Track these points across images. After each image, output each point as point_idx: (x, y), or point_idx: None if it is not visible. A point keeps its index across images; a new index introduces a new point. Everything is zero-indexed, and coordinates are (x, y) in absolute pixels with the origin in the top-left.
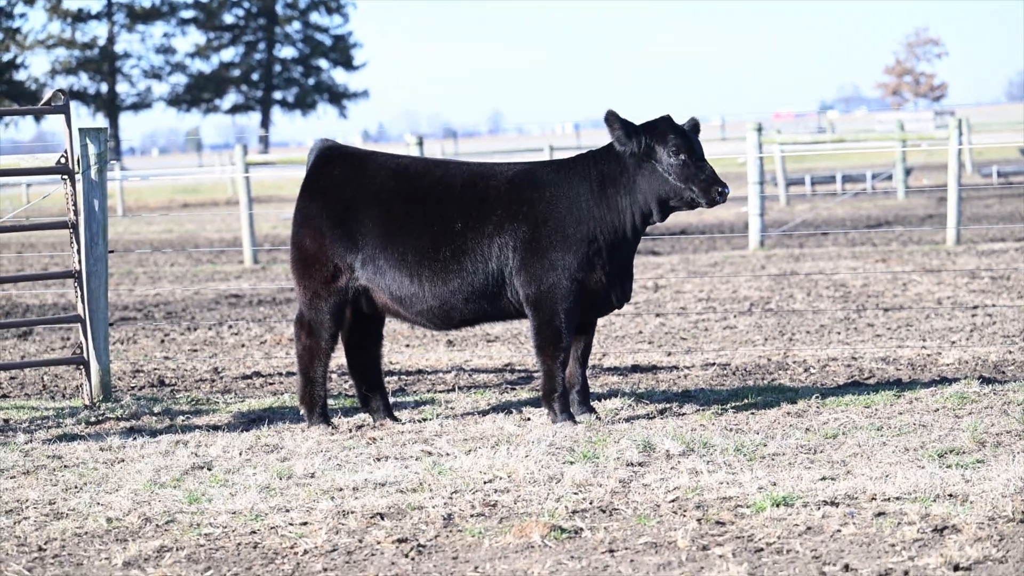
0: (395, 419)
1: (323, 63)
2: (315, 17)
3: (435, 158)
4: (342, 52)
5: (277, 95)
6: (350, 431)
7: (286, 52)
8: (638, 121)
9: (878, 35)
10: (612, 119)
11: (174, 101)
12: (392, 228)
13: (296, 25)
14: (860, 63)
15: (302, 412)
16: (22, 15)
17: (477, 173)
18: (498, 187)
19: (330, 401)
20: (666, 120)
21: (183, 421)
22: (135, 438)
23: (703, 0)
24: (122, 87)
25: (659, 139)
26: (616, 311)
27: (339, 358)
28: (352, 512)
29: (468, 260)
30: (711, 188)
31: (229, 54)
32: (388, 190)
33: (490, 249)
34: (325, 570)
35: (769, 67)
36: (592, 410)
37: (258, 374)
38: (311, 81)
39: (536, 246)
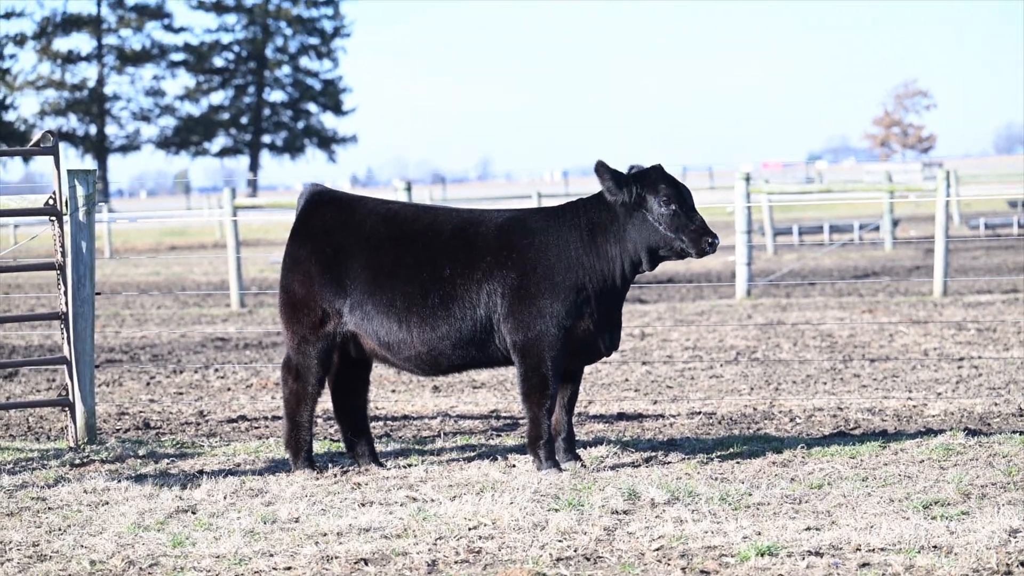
0: (380, 464)
1: (312, 107)
2: (305, 61)
3: (425, 204)
4: (331, 97)
5: (266, 139)
6: (335, 476)
7: (275, 96)
8: (626, 169)
9: (867, 86)
10: (602, 169)
11: (163, 143)
12: (381, 273)
13: (286, 69)
14: (849, 114)
15: (288, 456)
16: (12, 56)
17: (466, 219)
18: (487, 233)
19: (315, 445)
20: (658, 169)
21: (168, 464)
22: (119, 481)
23: (694, 50)
24: (111, 129)
25: (650, 189)
26: (604, 359)
27: (324, 402)
28: (336, 557)
29: (457, 306)
30: (701, 239)
31: (218, 97)
32: (377, 235)
33: (479, 295)
34: None
35: (758, 117)
36: (578, 457)
37: (243, 418)
38: (300, 125)
39: (525, 293)
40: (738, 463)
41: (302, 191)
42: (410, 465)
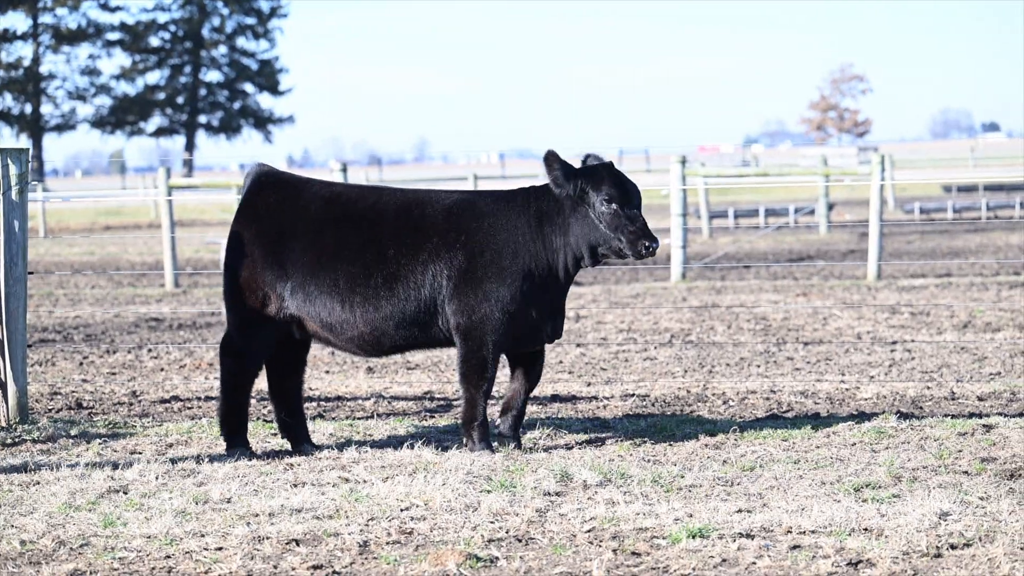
0: (313, 445)
1: (249, 87)
2: (241, 41)
3: (372, 185)
4: (268, 77)
5: (202, 119)
6: (268, 457)
7: (212, 76)
8: (581, 160)
9: (804, 71)
10: (552, 160)
11: (98, 123)
12: (324, 255)
13: (222, 49)
14: (785, 98)
15: (223, 436)
16: None
17: (412, 200)
18: (434, 215)
19: (249, 426)
20: (607, 167)
21: (100, 444)
22: (51, 461)
23: (629, 33)
24: (46, 108)
25: (594, 186)
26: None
27: (260, 383)
28: (268, 538)
29: (401, 287)
30: (639, 241)
31: (154, 77)
32: (321, 217)
33: (424, 276)
34: None
35: (695, 101)
36: (518, 440)
37: (177, 398)
38: (236, 105)
39: (471, 276)
40: (671, 445)
41: (248, 171)
42: (343, 446)
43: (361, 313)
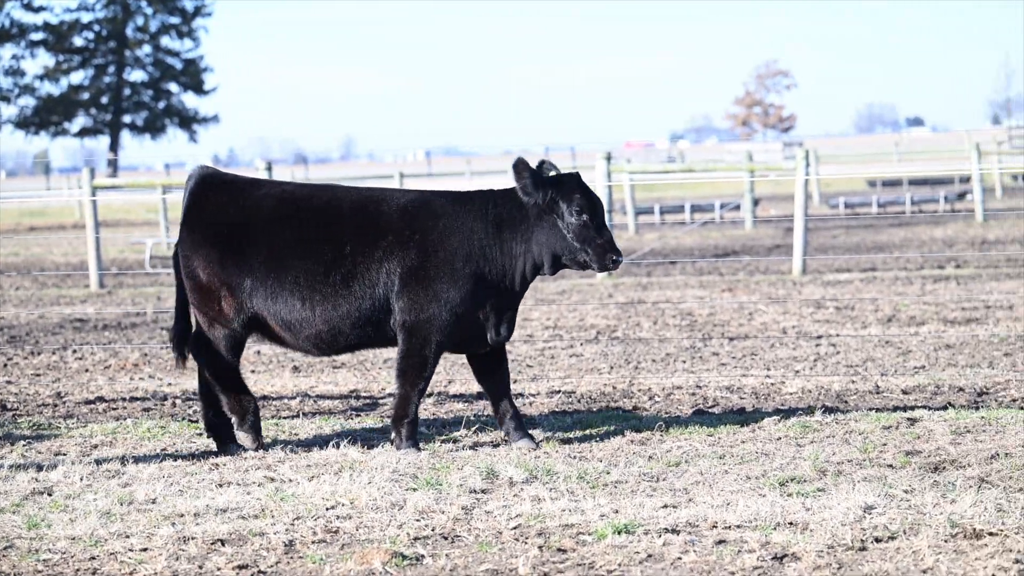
0: (239, 445)
1: (173, 87)
2: (166, 41)
3: (322, 183)
4: (193, 76)
5: (127, 118)
6: (193, 457)
7: (136, 75)
8: (536, 165)
9: (729, 67)
10: (521, 167)
11: (22, 123)
12: (282, 253)
13: (146, 49)
14: (711, 95)
15: (233, 421)
16: None
17: (367, 197)
18: (389, 213)
19: (174, 426)
20: (575, 178)
21: (24, 446)
22: None
23: (554, 30)
24: None
25: (565, 196)
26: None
27: (186, 383)
28: (193, 538)
29: (357, 285)
30: (606, 255)
31: (79, 77)
32: (275, 215)
33: (378, 275)
34: None
35: (621, 98)
36: (531, 436)
37: (101, 399)
38: (161, 105)
39: (423, 275)
40: (597, 441)
41: (191, 174)
42: (268, 446)
43: (320, 311)
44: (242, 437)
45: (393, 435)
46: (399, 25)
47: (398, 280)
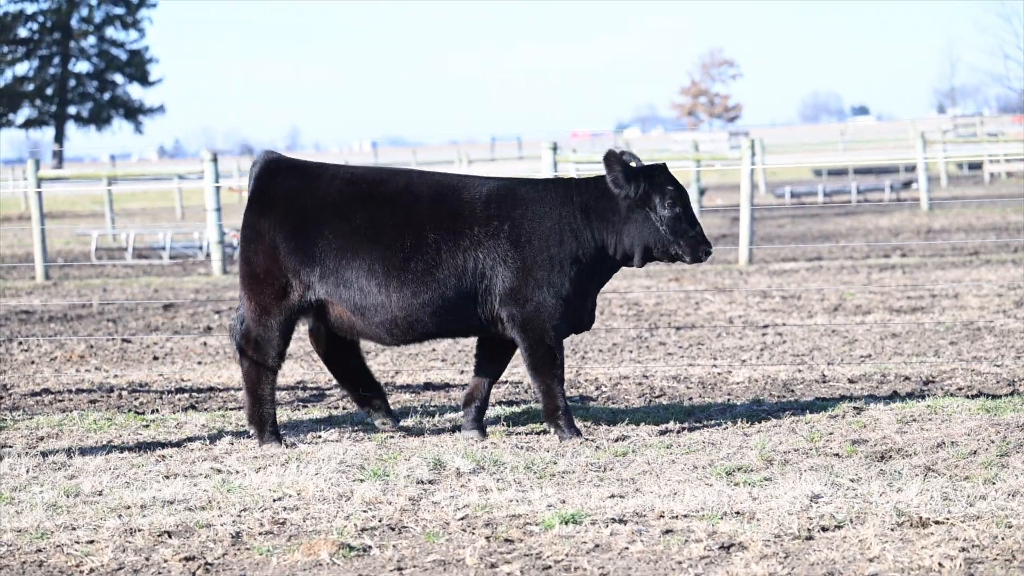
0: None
1: (118, 78)
2: (110, 32)
3: (391, 167)
4: (138, 67)
5: (71, 110)
6: (139, 449)
7: (81, 67)
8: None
9: (674, 57)
10: (613, 160)
11: None
12: (358, 238)
13: (91, 39)
14: (657, 84)
15: (251, 432)
16: None
17: (446, 184)
18: (472, 201)
19: (120, 418)
20: (664, 169)
21: None
22: None
23: (500, 18)
24: None
25: (657, 188)
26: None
27: (132, 375)
28: (139, 530)
29: (441, 273)
30: (699, 247)
31: (23, 68)
32: (348, 199)
33: (464, 264)
34: None
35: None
36: (483, 429)
37: (47, 391)
38: (106, 96)
39: (521, 265)
40: (544, 432)
41: (255, 159)
42: (216, 437)
43: (398, 298)
44: (265, 449)
45: (553, 430)
46: (345, 14)
47: (493, 273)
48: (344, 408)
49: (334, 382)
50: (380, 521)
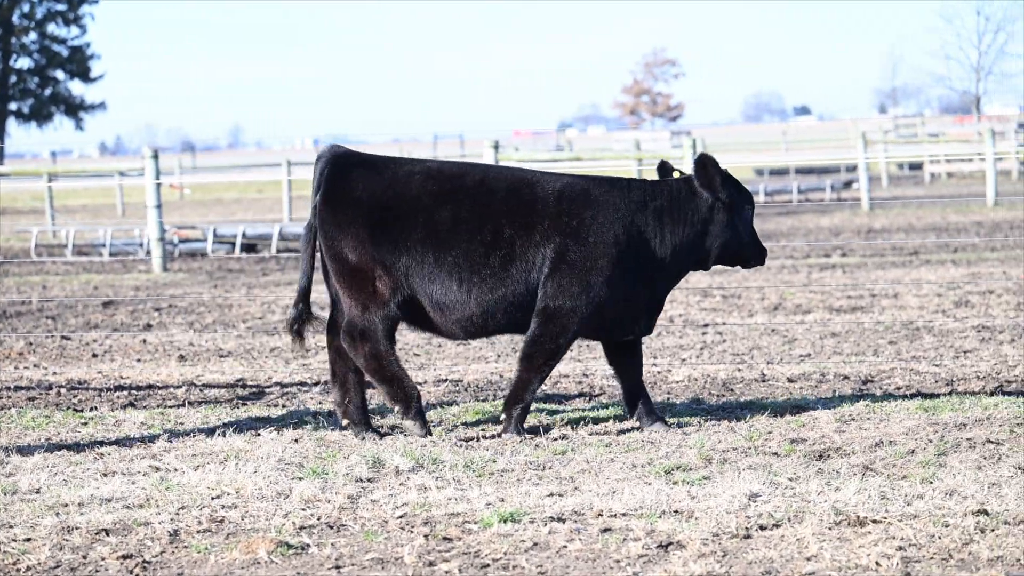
0: (373, 430)
1: (60, 74)
2: (52, 28)
3: (465, 161)
4: (79, 64)
5: (12, 106)
6: (77, 447)
7: (22, 63)
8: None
9: (617, 55)
10: (709, 164)
11: None
12: (439, 232)
13: (32, 36)
14: (599, 83)
15: (397, 410)
16: None
17: (521, 179)
18: (546, 197)
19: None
20: (733, 176)
21: None
22: None
23: (442, 16)
24: None
25: (743, 195)
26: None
27: (71, 372)
28: (77, 528)
29: (515, 268)
30: (763, 253)
31: None
32: (427, 193)
33: (534, 259)
34: None
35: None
36: (663, 420)
37: None
38: (47, 92)
39: (575, 263)
40: (483, 430)
41: (322, 153)
42: (154, 435)
43: (477, 294)
44: (409, 426)
45: (503, 418)
46: (287, 12)
47: (549, 265)
48: (284, 406)
49: (273, 380)
50: (319, 519)
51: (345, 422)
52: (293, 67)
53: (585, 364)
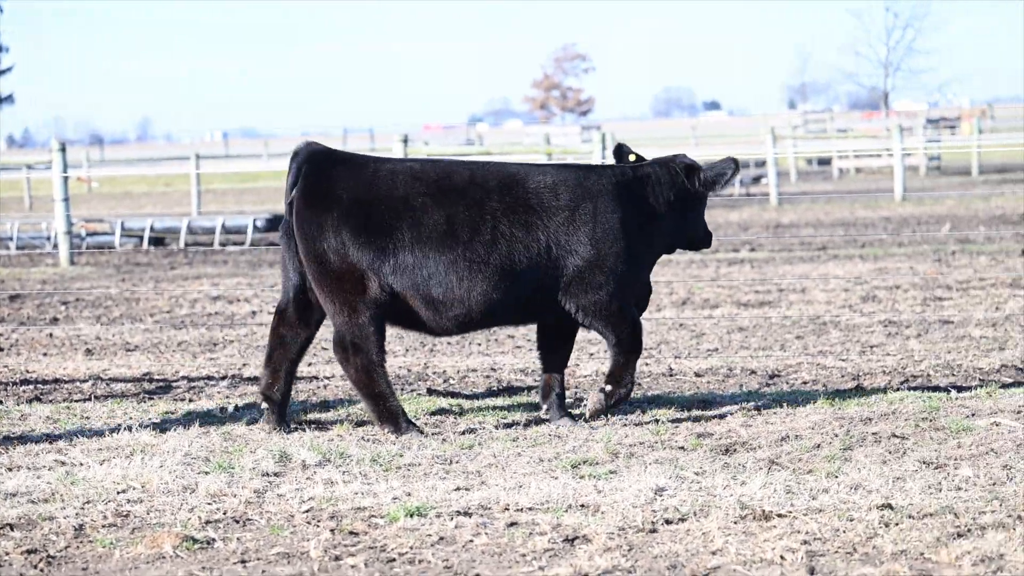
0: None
1: None
2: None
3: (446, 158)
4: None
5: None
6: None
7: None
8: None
9: (527, 49)
10: (686, 159)
11: None
12: (433, 232)
13: None
14: (510, 77)
15: (387, 431)
16: None
17: (512, 175)
18: (541, 191)
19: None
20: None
21: None
22: None
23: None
24: None
25: (707, 184)
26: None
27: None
28: None
29: (518, 265)
30: (711, 236)
31: None
32: (414, 193)
33: (538, 256)
34: None
35: (421, 79)
36: (571, 414)
37: None
38: None
39: (592, 255)
40: (389, 430)
41: (298, 150)
42: (59, 429)
43: (480, 292)
44: (407, 439)
45: (609, 388)
46: (196, 5)
47: (564, 262)
48: (190, 400)
49: (180, 374)
50: (224, 514)
51: (265, 406)
52: (202, 60)
53: (493, 358)
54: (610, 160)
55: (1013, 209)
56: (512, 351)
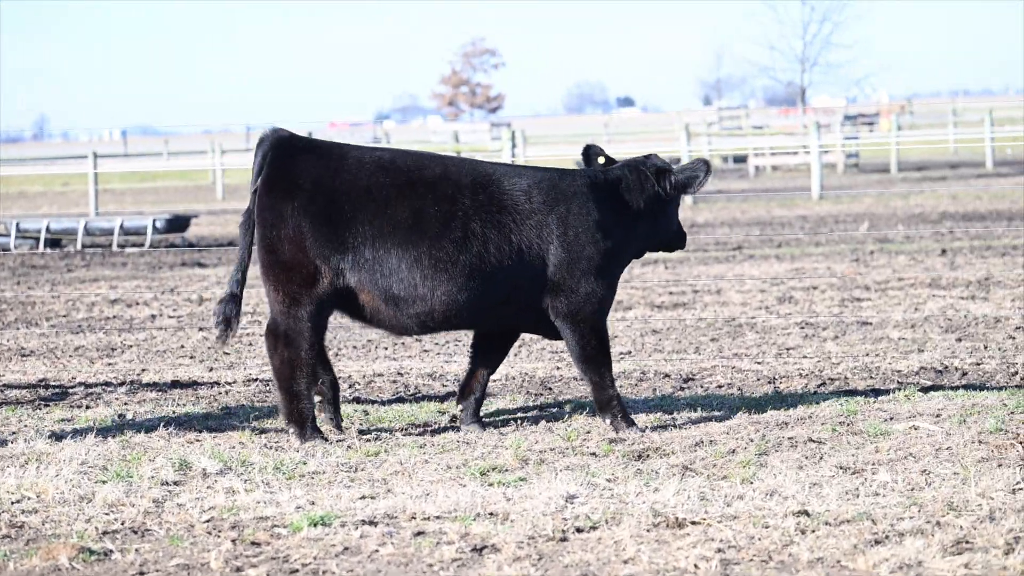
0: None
1: None
2: None
3: (418, 151)
4: None
5: None
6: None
7: None
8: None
9: (434, 44)
10: (657, 159)
11: None
12: (397, 227)
13: None
14: (417, 73)
15: (291, 431)
16: None
17: (487, 174)
18: (516, 192)
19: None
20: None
21: None
22: None
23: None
24: None
25: (677, 187)
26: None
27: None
28: None
29: (489, 267)
30: (685, 237)
31: None
32: (380, 185)
33: (511, 258)
34: None
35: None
36: (480, 420)
37: None
38: None
39: (569, 259)
40: (294, 431)
41: (264, 136)
42: None
43: (444, 291)
44: (310, 447)
45: (609, 421)
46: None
47: (542, 266)
48: (87, 407)
49: (77, 380)
50: (122, 524)
51: (318, 399)
52: (101, 56)
53: (400, 363)
54: (520, 158)
55: (932, 207)
56: (419, 355)
